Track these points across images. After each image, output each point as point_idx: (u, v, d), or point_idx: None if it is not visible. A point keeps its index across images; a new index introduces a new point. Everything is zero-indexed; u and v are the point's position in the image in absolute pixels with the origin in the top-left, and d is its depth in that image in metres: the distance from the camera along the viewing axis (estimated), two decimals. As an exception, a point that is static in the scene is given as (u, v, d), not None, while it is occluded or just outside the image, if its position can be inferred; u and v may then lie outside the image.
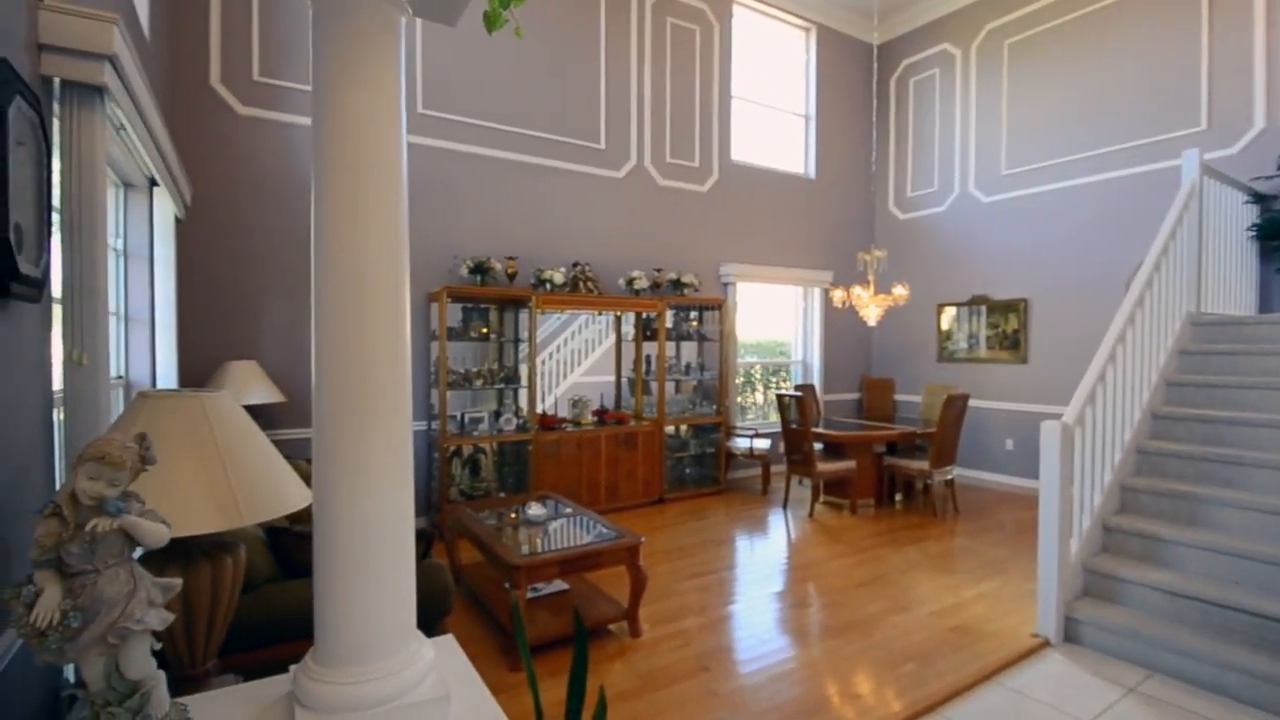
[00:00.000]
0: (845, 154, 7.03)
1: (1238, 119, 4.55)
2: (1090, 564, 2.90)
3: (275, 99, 4.06)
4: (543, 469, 4.60)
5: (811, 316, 6.80)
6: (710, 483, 5.63)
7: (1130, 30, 5.11)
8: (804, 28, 6.76)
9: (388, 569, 1.04)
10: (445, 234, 4.64)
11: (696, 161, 5.93)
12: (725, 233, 6.13)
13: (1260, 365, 3.33)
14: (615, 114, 5.45)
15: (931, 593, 3.40)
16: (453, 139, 4.69)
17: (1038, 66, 5.72)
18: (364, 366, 1.03)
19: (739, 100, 6.30)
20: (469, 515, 3.29)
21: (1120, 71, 5.17)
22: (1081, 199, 5.40)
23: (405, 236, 1.11)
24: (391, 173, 1.07)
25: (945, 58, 6.47)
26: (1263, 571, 2.55)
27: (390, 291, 1.07)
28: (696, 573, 3.70)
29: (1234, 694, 2.34)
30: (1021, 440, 5.67)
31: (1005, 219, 5.95)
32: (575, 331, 5.89)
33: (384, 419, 1.04)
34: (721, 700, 2.39)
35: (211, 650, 1.24)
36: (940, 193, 6.52)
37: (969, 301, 6.19)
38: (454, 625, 2.88)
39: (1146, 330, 3.33)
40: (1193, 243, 3.71)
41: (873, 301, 5.06)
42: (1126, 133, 5.12)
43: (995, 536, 4.37)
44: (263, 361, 3.90)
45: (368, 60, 1.04)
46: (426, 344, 4.56)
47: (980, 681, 2.50)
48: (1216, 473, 2.98)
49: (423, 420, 4.55)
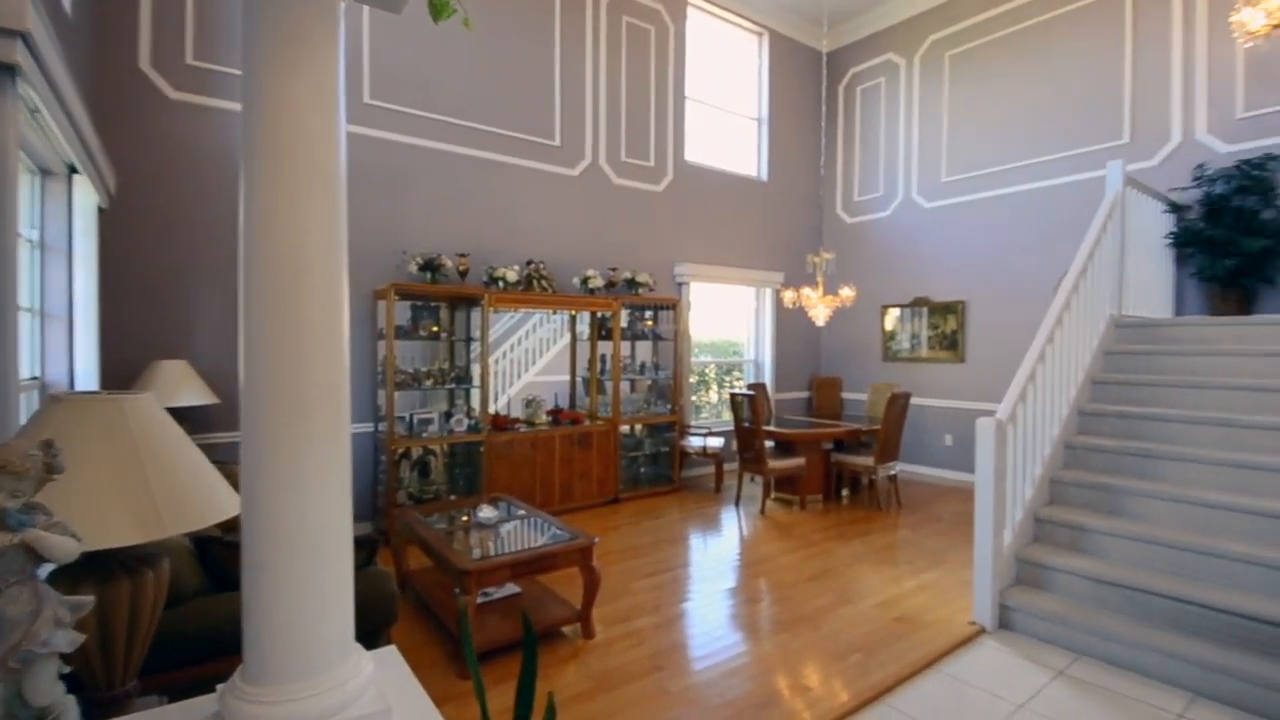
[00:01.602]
0: (796, 158, 7.19)
1: (1157, 133, 4.89)
2: (1022, 554, 3.06)
3: (210, 84, 3.85)
4: (495, 470, 4.52)
5: (763, 317, 6.93)
6: (664, 481, 5.66)
7: (1061, 47, 5.41)
8: (757, 32, 6.87)
9: (323, 579, 0.99)
10: (393, 229, 4.50)
11: (651, 161, 5.94)
12: (680, 233, 6.17)
13: (1174, 365, 3.58)
14: (570, 111, 5.40)
15: (876, 584, 3.51)
16: (402, 131, 4.55)
17: (977, 78, 5.99)
18: (298, 365, 0.98)
19: (693, 102, 6.35)
20: (417, 519, 3.21)
21: (1052, 85, 5.47)
22: (1016, 206, 5.69)
23: (344, 230, 1.06)
24: (329, 164, 1.02)
25: (890, 67, 6.70)
26: (1176, 557, 2.74)
27: (327, 286, 1.02)
28: (650, 572, 3.71)
29: (1152, 673, 2.51)
30: (960, 436, 5.93)
31: (945, 224, 6.21)
32: (529, 331, 5.82)
33: (319, 420, 0.99)
34: (674, 698, 2.40)
35: (132, 670, 1.16)
36: (885, 198, 6.76)
37: (911, 303, 6.44)
38: (400, 634, 2.80)
39: (1073, 332, 3.54)
40: (1116, 249, 3.96)
41: (821, 302, 5.19)
42: (1057, 144, 5.42)
43: (935, 528, 4.56)
44: (195, 361, 3.69)
45: (304, 46, 0.99)
46: (373, 343, 4.42)
47: (921, 670, 2.60)
48: (1134, 465, 3.19)
49: (369, 422, 4.40)
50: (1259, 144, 4.37)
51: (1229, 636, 2.45)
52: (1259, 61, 4.39)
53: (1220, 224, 4.30)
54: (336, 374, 1.03)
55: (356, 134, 4.33)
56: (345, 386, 1.05)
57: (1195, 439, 3.15)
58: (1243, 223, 4.21)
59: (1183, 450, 3.07)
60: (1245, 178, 4.25)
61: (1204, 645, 2.44)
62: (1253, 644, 2.39)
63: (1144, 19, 4.94)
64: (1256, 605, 2.41)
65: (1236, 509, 2.73)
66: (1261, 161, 4.22)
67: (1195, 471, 3.00)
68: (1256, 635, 2.38)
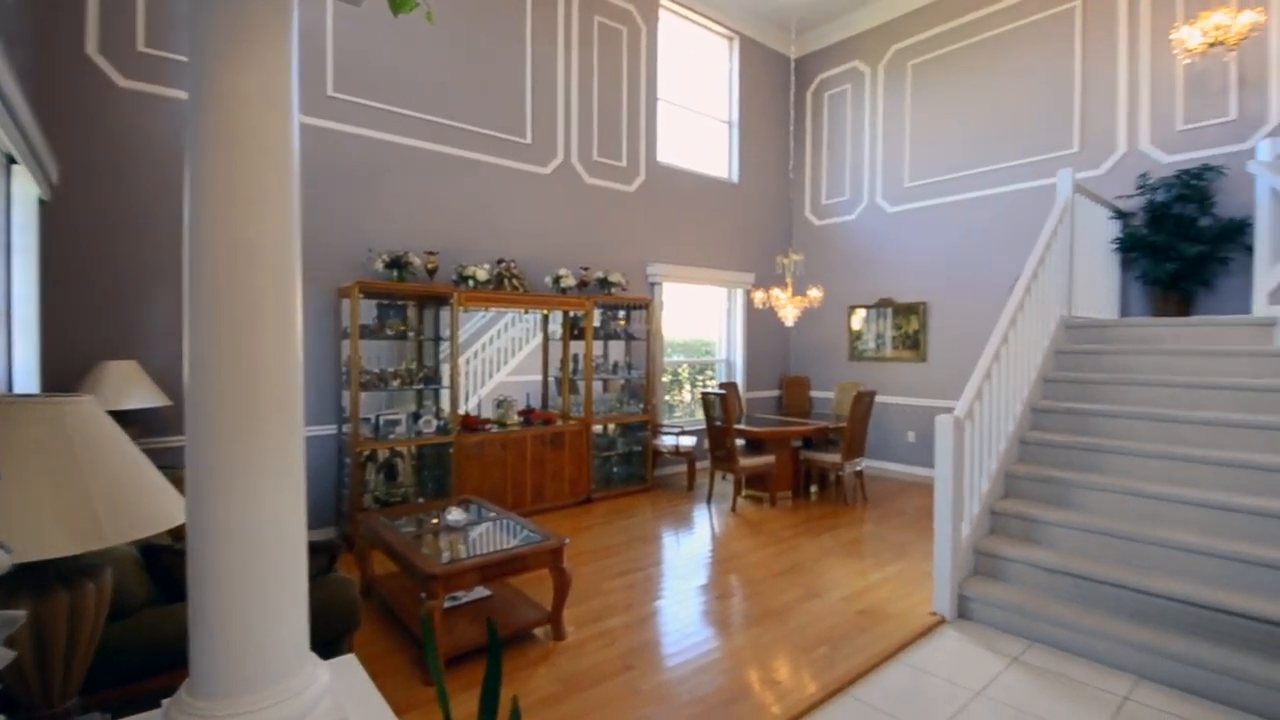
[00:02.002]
0: (766, 161, 7.29)
1: (1104, 143, 5.11)
2: (979, 545, 3.16)
3: (162, 72, 3.70)
4: (465, 472, 4.47)
5: (735, 317, 7.00)
6: (637, 481, 5.68)
7: (1016, 60, 5.61)
8: (728, 37, 6.94)
9: (274, 587, 0.96)
10: (359, 226, 4.40)
11: (624, 161, 5.95)
12: (652, 233, 6.19)
13: (1119, 363, 3.75)
14: (542, 109, 5.37)
15: (842, 578, 3.59)
16: (367, 125, 4.45)
17: (937, 87, 6.16)
18: (247, 365, 0.95)
19: (666, 103, 6.38)
20: (382, 523, 3.14)
21: (1008, 96, 5.66)
22: (974, 211, 5.88)
23: (297, 227, 1.03)
24: (282, 160, 0.99)
25: (856, 74, 6.84)
26: (1119, 546, 2.87)
27: (280, 284, 0.99)
28: (623, 571, 3.72)
29: (1099, 658, 2.62)
30: (922, 433, 6.10)
31: (908, 228, 6.38)
32: (501, 330, 5.76)
33: (270, 422, 0.96)
34: (645, 697, 2.40)
35: (71, 688, 1.11)
36: (851, 201, 6.90)
37: (876, 304, 6.59)
38: (364, 641, 2.75)
39: (1027, 332, 3.67)
40: (1066, 253, 4.12)
41: (790, 303, 5.27)
42: (1012, 152, 5.62)
43: (899, 522, 4.68)
44: (145, 361, 3.54)
45: (257, 37, 0.96)
46: (337, 342, 4.31)
47: (885, 660, 2.66)
48: (1082, 459, 3.33)
49: (332, 424, 4.30)
50: (1197, 155, 4.61)
51: (1168, 621, 2.58)
52: (1197, 78, 4.63)
53: (1162, 230, 4.52)
54: (289, 374, 1.01)
55: (319, 127, 4.22)
56: (298, 386, 1.02)
57: (1137, 434, 3.30)
58: (1182, 229, 4.44)
59: (1126, 444, 3.22)
60: (1184, 187, 4.47)
61: (1146, 630, 2.57)
62: (1190, 627, 2.52)
63: (1092, 35, 5.16)
64: (1192, 590, 2.54)
65: (1174, 499, 2.87)
66: (1199, 172, 4.45)
67: (1137, 464, 3.15)
68: (1193, 619, 2.52)
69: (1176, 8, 4.71)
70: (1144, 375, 3.57)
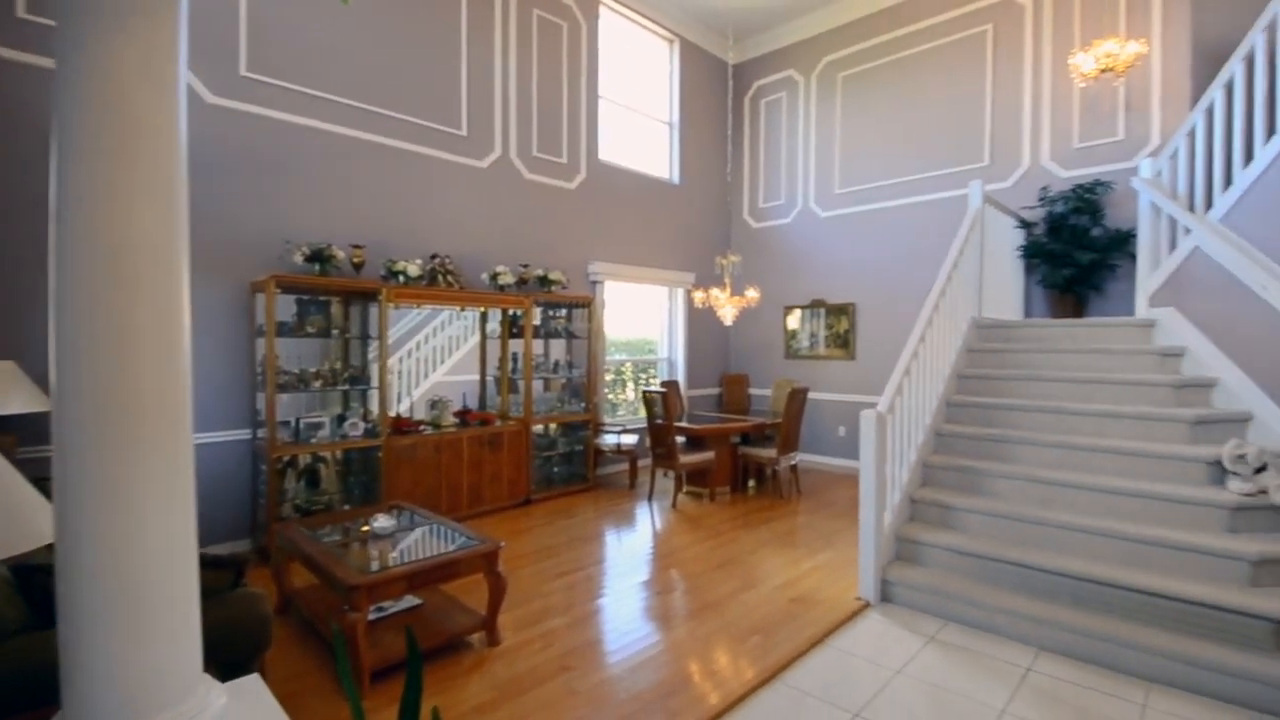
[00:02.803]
0: (706, 163, 7.44)
1: (1011, 157, 5.52)
2: (900, 532, 3.37)
3: (46, 41, 3.38)
4: (396, 476, 4.34)
5: (676, 316, 7.12)
6: (579, 480, 5.68)
7: (935, 76, 5.97)
8: (668, 39, 7.03)
9: (158, 607, 0.90)
10: (276, 216, 4.15)
11: (564, 158, 5.93)
12: (593, 231, 6.20)
13: (1022, 360, 4.08)
14: (478, 101, 5.27)
15: (776, 568, 3.74)
16: (287, 109, 4.20)
17: (865, 99, 6.48)
18: (124, 366, 0.88)
19: (608, 101, 6.40)
20: (302, 533, 2.99)
21: (928, 110, 6.02)
22: (898, 218, 6.22)
23: (183, 213, 0.96)
24: (165, 141, 0.92)
25: (791, 83, 7.10)
26: (1021, 528, 3.14)
27: (161, 277, 0.92)
28: (563, 571, 3.73)
29: (1004, 632, 2.86)
30: (851, 427, 6.40)
31: (839, 232, 6.68)
32: (437, 328, 5.62)
33: (150, 427, 0.90)
34: (582, 698, 2.41)
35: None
36: (786, 205, 7.15)
37: (810, 304, 6.87)
38: (282, 660, 2.64)
39: (942, 331, 3.94)
40: (976, 259, 4.44)
41: (729, 303, 5.42)
42: (932, 163, 5.99)
43: (830, 513, 4.91)
44: (25, 363, 3.20)
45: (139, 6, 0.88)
46: (251, 341, 4.05)
47: (814, 646, 2.80)
48: (990, 449, 3.61)
49: (245, 428, 4.04)
50: (1090, 171, 5.06)
51: (1064, 596, 2.84)
52: (1091, 100, 5.08)
53: (1059, 239, 4.95)
54: (173, 375, 0.94)
55: (231, 109, 3.97)
56: (184, 389, 0.95)
57: (1037, 425, 3.61)
58: (1077, 239, 4.87)
59: (1027, 435, 3.52)
60: (1079, 200, 4.90)
61: (1044, 605, 2.82)
62: (1082, 601, 2.79)
63: (1002, 57, 5.57)
64: (1083, 567, 2.81)
65: (1067, 484, 3.17)
66: (1092, 186, 4.89)
67: (1037, 453, 3.44)
68: (1084, 593, 2.79)
69: (1074, 35, 5.15)
70: (1043, 371, 3.90)
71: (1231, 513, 2.76)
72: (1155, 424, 3.26)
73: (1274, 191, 3.21)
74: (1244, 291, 3.28)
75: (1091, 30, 5.04)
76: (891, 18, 6.24)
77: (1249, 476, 2.83)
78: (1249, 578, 2.55)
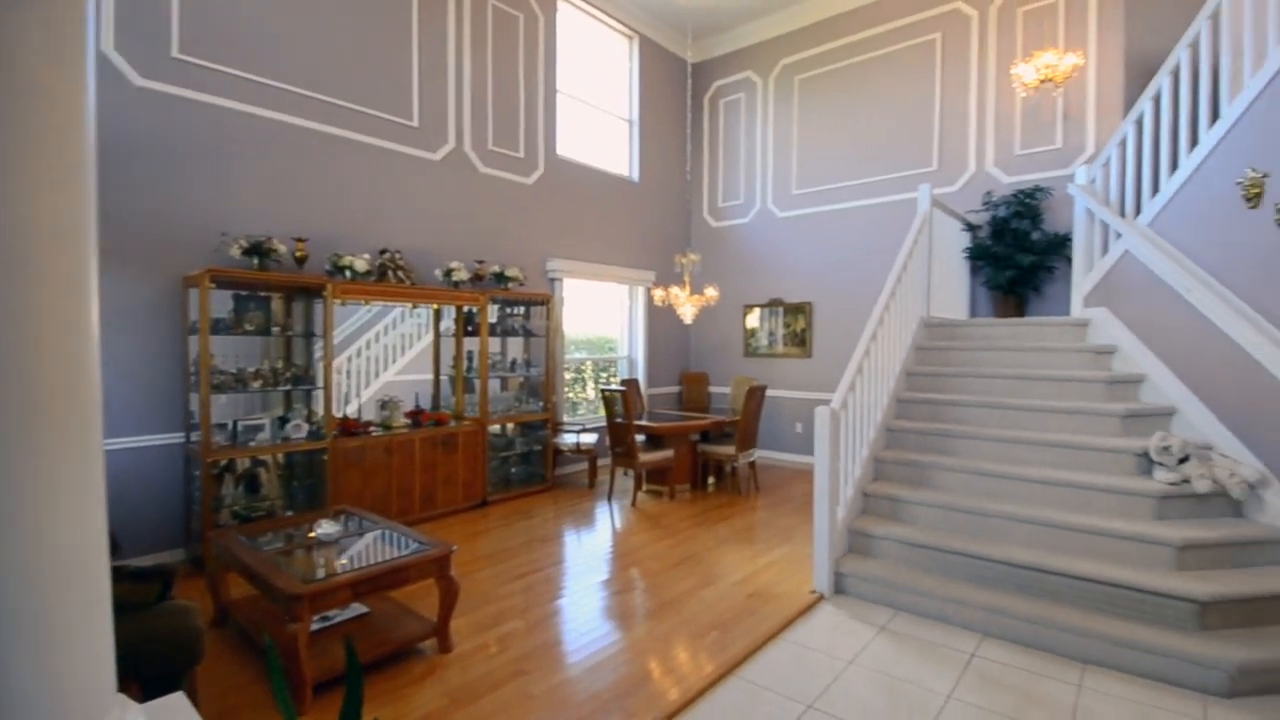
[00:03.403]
0: (666, 161, 7.45)
1: (958, 163, 5.73)
2: (853, 525, 3.45)
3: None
4: (343, 480, 4.18)
5: (636, 314, 7.11)
6: (538, 480, 5.61)
7: (888, 82, 6.14)
8: (628, 35, 7.01)
9: (59, 624, 0.82)
10: (212, 208, 3.94)
11: (522, 153, 5.83)
12: (552, 228, 6.13)
13: (967, 358, 4.23)
14: (431, 91, 5.13)
15: (734, 564, 3.77)
16: (223, 94, 3.98)
17: (821, 102, 6.61)
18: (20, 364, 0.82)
19: (566, 96, 6.34)
20: (238, 542, 2.84)
21: (881, 115, 6.19)
22: (852, 219, 6.37)
23: (91, 197, 0.88)
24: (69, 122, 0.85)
25: (749, 84, 7.18)
26: (967, 520, 3.25)
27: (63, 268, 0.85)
28: (520, 573, 3.66)
29: (951, 620, 2.95)
30: (808, 424, 6.53)
31: (796, 232, 6.80)
32: (389, 326, 5.45)
33: (51, 429, 0.83)
34: (538, 701, 2.37)
35: None
36: (745, 205, 7.24)
37: (768, 303, 6.97)
38: (217, 673, 2.51)
39: (893, 330, 4.05)
40: (925, 260, 4.58)
41: (689, 301, 5.44)
42: (884, 166, 6.15)
43: (787, 508, 4.98)
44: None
45: None
46: (183, 338, 3.82)
47: (770, 639, 2.83)
48: (938, 444, 3.73)
49: (178, 431, 3.82)
50: (1031, 177, 5.29)
51: (1006, 584, 2.95)
52: (1032, 109, 5.31)
53: (1002, 242, 5.16)
54: (79, 372, 0.87)
55: (161, 93, 3.74)
56: (92, 387, 0.87)
57: (982, 420, 3.75)
58: (1018, 242, 5.08)
59: (972, 429, 3.65)
60: (1020, 204, 5.12)
61: (989, 593, 2.93)
62: (1023, 588, 2.91)
63: (950, 65, 5.77)
64: (1023, 555, 2.93)
65: (1009, 477, 3.30)
66: (1032, 192, 5.11)
67: (982, 447, 3.58)
68: (1025, 581, 2.90)
69: (1017, 46, 5.37)
70: (987, 368, 4.05)
71: (1158, 501, 2.92)
72: (1089, 418, 3.42)
73: (1198, 198, 3.41)
74: (1169, 293, 3.48)
75: (1033, 41, 5.27)
76: (846, 23, 6.39)
77: (1173, 467, 3.01)
78: (1175, 562, 2.71)
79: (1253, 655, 2.34)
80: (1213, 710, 2.28)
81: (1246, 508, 2.94)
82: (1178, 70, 3.64)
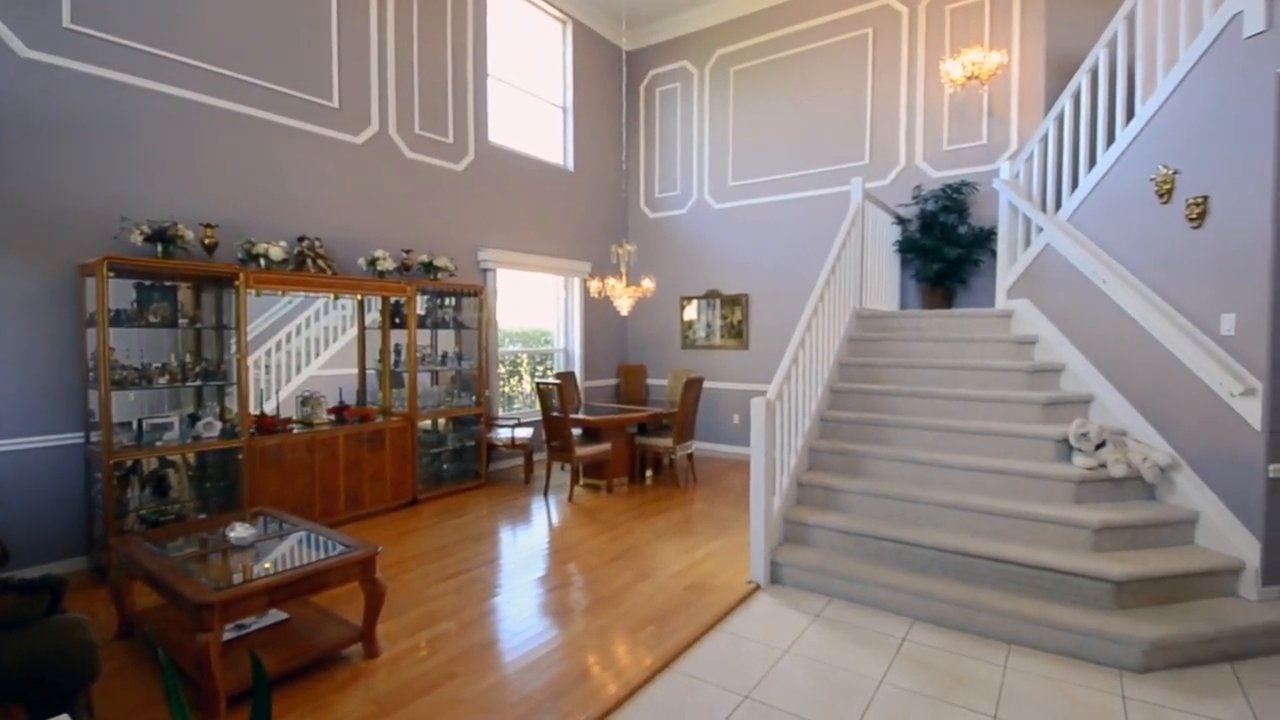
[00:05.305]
0: (601, 150, 7.30)
1: (889, 157, 5.87)
2: (789, 515, 3.45)
3: None
4: (262, 481, 3.87)
5: (572, 306, 6.95)
6: (471, 477, 5.39)
7: (821, 75, 6.21)
8: (561, 20, 6.80)
9: None
10: (110, 190, 3.59)
11: (450, 138, 5.55)
12: (484, 217, 5.88)
13: (898, 349, 4.33)
14: (352, 71, 4.79)
15: (672, 557, 3.71)
16: (121, 69, 3.62)
17: (756, 94, 6.63)
18: None
19: (497, 80, 6.08)
20: (143, 548, 2.63)
21: (814, 108, 6.26)
22: (787, 211, 6.44)
23: None
24: None
25: (685, 74, 7.12)
26: (898, 507, 3.31)
27: None
28: (452, 573, 3.49)
29: (883, 606, 2.99)
30: (745, 415, 6.55)
31: (732, 224, 6.81)
32: (311, 319, 5.08)
33: None
34: (469, 705, 2.26)
35: None
36: (682, 196, 7.19)
37: (705, 295, 6.97)
38: (119, 689, 2.31)
39: (826, 321, 4.08)
40: (857, 252, 4.66)
41: (625, 293, 5.34)
42: (818, 159, 6.24)
43: (725, 500, 4.99)
44: None
45: None
46: (79, 331, 3.47)
47: (707, 631, 2.79)
48: (870, 433, 3.79)
49: (76, 431, 3.48)
50: (958, 172, 5.48)
51: (935, 568, 3.02)
52: (959, 105, 5.50)
53: (931, 235, 5.32)
54: None
55: (50, 65, 3.40)
56: None
57: (912, 409, 3.84)
58: (946, 235, 5.26)
59: (903, 419, 3.73)
60: (948, 199, 5.30)
61: (919, 578, 2.98)
62: (951, 572, 2.98)
63: (881, 60, 5.89)
64: (951, 540, 3.00)
65: (938, 464, 3.38)
66: (959, 186, 5.30)
67: (912, 436, 3.66)
68: (952, 565, 2.98)
69: (945, 42, 5.54)
70: (917, 359, 4.16)
71: (1077, 485, 3.05)
72: (1012, 406, 3.56)
73: (1113, 193, 3.57)
74: (1087, 285, 3.65)
75: (960, 39, 5.44)
76: (780, 15, 6.42)
77: (1091, 452, 3.15)
78: (1092, 544, 2.83)
79: (1164, 631, 2.46)
80: (1128, 685, 2.39)
81: (1159, 490, 3.11)
82: (1096, 69, 3.80)
